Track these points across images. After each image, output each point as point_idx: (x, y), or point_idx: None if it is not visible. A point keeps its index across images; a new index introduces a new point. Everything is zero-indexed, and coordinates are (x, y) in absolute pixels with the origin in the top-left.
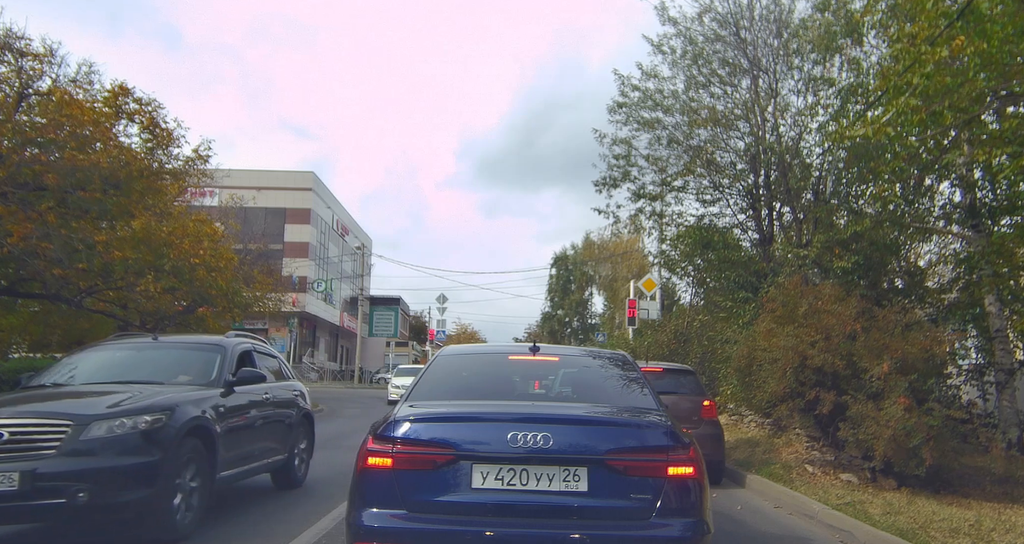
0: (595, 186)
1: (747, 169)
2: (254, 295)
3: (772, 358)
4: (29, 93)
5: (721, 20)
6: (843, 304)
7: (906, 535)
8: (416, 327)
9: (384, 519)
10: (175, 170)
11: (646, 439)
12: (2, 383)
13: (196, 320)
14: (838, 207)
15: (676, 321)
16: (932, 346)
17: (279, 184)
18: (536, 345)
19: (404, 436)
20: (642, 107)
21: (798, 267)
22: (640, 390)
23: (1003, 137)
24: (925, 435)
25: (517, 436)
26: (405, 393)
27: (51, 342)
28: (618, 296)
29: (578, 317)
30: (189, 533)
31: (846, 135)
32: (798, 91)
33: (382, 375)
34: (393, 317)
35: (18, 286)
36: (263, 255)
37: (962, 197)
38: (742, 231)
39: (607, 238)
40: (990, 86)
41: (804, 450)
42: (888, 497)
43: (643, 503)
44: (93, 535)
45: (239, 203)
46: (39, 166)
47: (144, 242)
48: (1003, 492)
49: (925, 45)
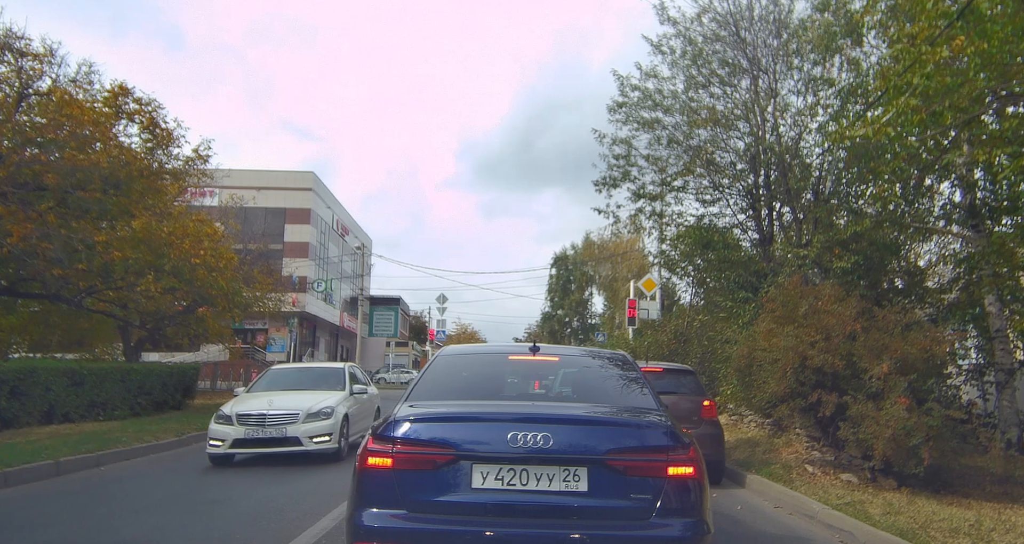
0: (595, 186)
1: (747, 169)
2: (254, 295)
3: (772, 358)
4: (29, 93)
5: (721, 20)
6: (843, 304)
7: (906, 535)
8: (416, 327)
9: (384, 519)
10: (175, 170)
11: (646, 439)
12: (2, 383)
13: (196, 320)
14: (838, 207)
15: (676, 321)
16: (932, 346)
17: (279, 184)
18: (536, 345)
19: (404, 436)
20: (642, 107)
21: (798, 267)
22: (640, 390)
23: (1003, 137)
24: (925, 435)
25: (517, 436)
26: (405, 393)
27: (51, 342)
28: (618, 296)
29: (578, 317)
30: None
31: (846, 135)
32: (798, 91)
33: (382, 375)
34: (393, 317)
35: (18, 286)
36: (263, 255)
37: (962, 197)
38: (742, 231)
39: (607, 238)
40: (990, 86)
41: (804, 450)
42: (888, 497)
43: (643, 503)
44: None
45: (239, 203)
46: (39, 166)
47: (144, 242)
48: (1003, 492)
49: (925, 45)
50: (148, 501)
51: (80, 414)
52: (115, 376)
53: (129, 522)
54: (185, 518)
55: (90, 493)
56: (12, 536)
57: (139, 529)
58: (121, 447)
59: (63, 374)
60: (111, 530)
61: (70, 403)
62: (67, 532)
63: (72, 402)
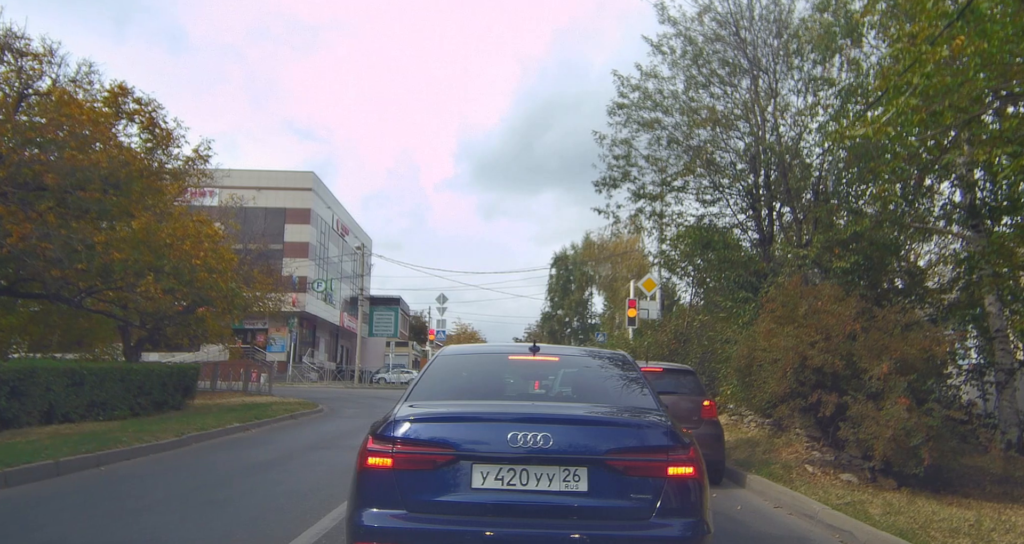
0: (595, 186)
1: (747, 169)
2: (254, 295)
3: (772, 358)
4: (29, 93)
5: (721, 20)
6: (843, 304)
7: (906, 535)
8: (416, 327)
9: (384, 519)
10: (175, 170)
11: (646, 439)
12: (2, 383)
13: (196, 320)
14: (838, 207)
15: (676, 321)
16: (932, 346)
17: (279, 184)
18: (536, 345)
19: (404, 436)
20: (642, 107)
21: (798, 267)
22: (640, 390)
23: (1003, 137)
24: (925, 435)
25: (517, 436)
26: (405, 393)
27: (51, 342)
28: (618, 296)
29: (578, 317)
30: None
31: (846, 135)
32: (798, 91)
33: (382, 375)
34: (393, 317)
35: (18, 286)
36: (263, 255)
37: (962, 197)
38: (742, 231)
39: (607, 238)
40: (990, 86)
41: (804, 450)
42: (888, 497)
43: (643, 503)
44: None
45: (239, 203)
46: (39, 166)
47: (144, 243)
48: (1003, 492)
49: (925, 45)
50: (148, 501)
51: (80, 414)
52: (115, 376)
53: (129, 522)
54: (185, 518)
55: (90, 493)
56: (12, 536)
57: (139, 529)
58: (121, 447)
59: (63, 374)
60: (111, 530)
61: (70, 403)
62: (67, 532)
63: (72, 402)
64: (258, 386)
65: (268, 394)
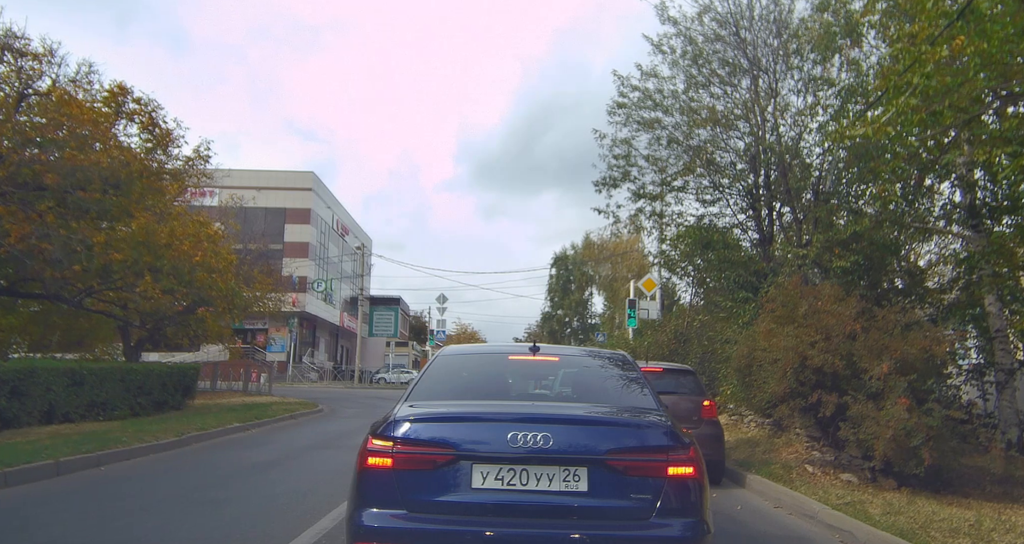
0: (595, 186)
1: (747, 169)
2: (254, 295)
3: (772, 358)
4: (29, 93)
5: (721, 20)
6: (843, 304)
7: (906, 535)
8: (416, 327)
9: (384, 519)
10: (175, 170)
11: (646, 439)
12: (2, 383)
13: (196, 320)
14: (838, 207)
15: (676, 321)
16: (932, 346)
17: (279, 184)
18: (536, 345)
19: (404, 436)
20: (642, 107)
21: (798, 267)
22: (640, 390)
23: (1003, 137)
24: (925, 435)
25: (517, 436)
26: (405, 393)
27: (51, 342)
28: (618, 296)
29: (578, 317)
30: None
31: (846, 135)
32: (798, 91)
33: (382, 375)
34: (393, 317)
35: (18, 286)
36: (263, 255)
37: (962, 197)
38: (742, 231)
39: (607, 238)
40: (990, 86)
41: (804, 450)
42: (888, 497)
43: (643, 503)
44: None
45: (239, 203)
46: (39, 166)
47: (143, 243)
48: (1003, 492)
49: (925, 45)
50: (148, 501)
51: (80, 414)
52: (115, 376)
53: (129, 522)
54: (185, 518)
55: (90, 493)
56: (12, 536)
57: (139, 529)
58: (121, 447)
59: (63, 374)
60: (111, 530)
61: (70, 403)
62: (67, 532)
63: (72, 402)
64: (258, 386)
65: (268, 394)
